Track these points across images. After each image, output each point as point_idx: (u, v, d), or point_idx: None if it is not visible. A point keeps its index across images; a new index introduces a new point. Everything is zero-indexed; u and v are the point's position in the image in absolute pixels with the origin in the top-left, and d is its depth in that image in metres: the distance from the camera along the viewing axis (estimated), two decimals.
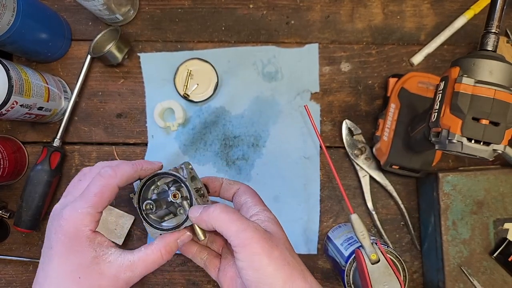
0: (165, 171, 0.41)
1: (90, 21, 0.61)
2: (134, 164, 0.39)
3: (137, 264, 0.37)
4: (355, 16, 0.61)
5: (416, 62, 0.60)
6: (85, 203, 0.36)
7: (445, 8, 0.61)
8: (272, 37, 0.61)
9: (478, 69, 0.40)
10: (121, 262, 0.37)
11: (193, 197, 0.40)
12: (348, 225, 0.56)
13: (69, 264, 0.36)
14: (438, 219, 0.53)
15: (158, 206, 0.39)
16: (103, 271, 0.36)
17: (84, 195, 0.37)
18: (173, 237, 0.39)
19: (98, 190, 0.37)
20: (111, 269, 0.36)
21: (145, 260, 0.37)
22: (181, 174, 0.40)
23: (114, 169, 0.38)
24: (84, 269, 0.35)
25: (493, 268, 0.52)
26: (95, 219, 0.37)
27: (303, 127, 0.60)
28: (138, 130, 0.60)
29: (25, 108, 0.51)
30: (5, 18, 0.47)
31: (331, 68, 0.61)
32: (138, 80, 0.61)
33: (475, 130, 0.39)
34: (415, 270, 0.59)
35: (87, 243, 0.36)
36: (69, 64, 0.61)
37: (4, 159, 0.55)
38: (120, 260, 0.37)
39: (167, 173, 0.41)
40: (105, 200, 0.37)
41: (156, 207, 0.39)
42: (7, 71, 0.48)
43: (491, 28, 0.41)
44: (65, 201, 0.39)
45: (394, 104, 0.56)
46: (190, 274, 0.59)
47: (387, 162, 0.55)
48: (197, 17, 0.61)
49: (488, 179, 0.53)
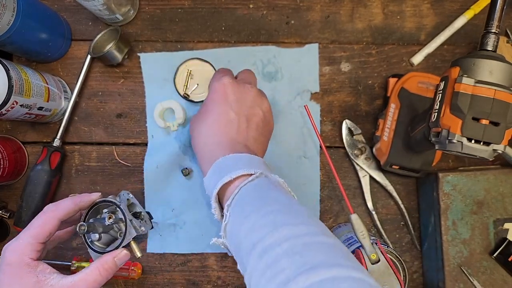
0: (103, 199, 0.46)
1: (90, 21, 0.61)
2: (73, 199, 0.45)
3: (78, 284, 0.40)
4: (355, 16, 0.61)
5: (416, 62, 0.60)
6: (26, 235, 0.41)
7: (445, 8, 0.61)
8: (272, 37, 0.61)
9: (478, 69, 0.40)
10: (63, 284, 0.40)
11: (127, 218, 0.45)
12: (348, 225, 0.56)
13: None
14: (438, 219, 0.53)
15: (92, 228, 0.44)
16: None
17: (26, 228, 0.42)
18: (110, 255, 0.44)
19: (39, 224, 0.42)
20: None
21: (85, 279, 0.41)
22: (117, 200, 0.46)
23: (55, 204, 0.43)
24: None
25: (493, 268, 0.52)
26: (36, 249, 0.41)
27: (303, 127, 0.60)
28: (138, 130, 0.60)
29: (25, 108, 0.51)
30: (5, 18, 0.47)
31: (331, 68, 0.61)
32: (138, 80, 0.61)
33: (475, 130, 0.39)
34: (415, 270, 0.59)
35: (28, 269, 0.40)
36: (69, 64, 0.61)
37: (4, 159, 0.55)
38: (62, 282, 0.40)
39: (104, 200, 0.46)
40: (46, 231, 0.42)
41: (89, 229, 0.43)
42: (7, 71, 0.48)
43: (491, 28, 0.41)
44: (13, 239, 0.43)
45: (394, 104, 0.56)
46: (190, 274, 0.59)
47: (387, 162, 0.55)
48: (197, 17, 0.61)
49: (488, 179, 0.53)
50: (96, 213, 0.47)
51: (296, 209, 0.38)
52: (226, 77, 0.50)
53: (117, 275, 0.57)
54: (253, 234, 0.36)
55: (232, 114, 0.49)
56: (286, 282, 0.31)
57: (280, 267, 0.32)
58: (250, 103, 0.50)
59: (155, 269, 0.59)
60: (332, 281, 0.30)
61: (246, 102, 0.50)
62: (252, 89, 0.51)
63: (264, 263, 0.33)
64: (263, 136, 0.51)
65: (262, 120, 0.51)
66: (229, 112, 0.49)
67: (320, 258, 0.32)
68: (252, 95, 0.51)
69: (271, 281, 0.32)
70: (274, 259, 0.33)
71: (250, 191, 0.41)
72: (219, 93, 0.50)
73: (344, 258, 0.33)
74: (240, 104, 0.50)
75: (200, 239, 0.59)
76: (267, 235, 0.35)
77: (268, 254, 0.34)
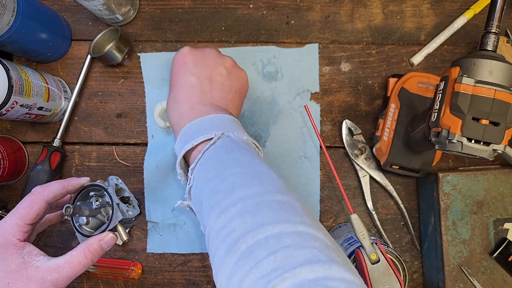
0: (91, 183, 0.46)
1: (90, 21, 0.61)
2: (62, 182, 0.44)
3: (63, 266, 0.40)
4: (355, 16, 0.61)
5: (416, 62, 0.60)
6: (13, 216, 0.41)
7: (445, 8, 0.61)
8: (272, 37, 0.61)
9: (478, 69, 0.40)
10: (48, 266, 0.40)
11: (114, 202, 0.45)
12: (348, 225, 0.57)
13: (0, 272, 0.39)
14: (438, 219, 0.53)
15: (79, 211, 0.44)
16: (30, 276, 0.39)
17: (14, 210, 0.42)
18: (95, 238, 0.43)
19: (26, 205, 0.42)
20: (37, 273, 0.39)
21: (70, 262, 0.41)
22: (105, 184, 0.46)
23: (43, 187, 0.43)
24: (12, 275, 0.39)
25: (493, 268, 0.52)
26: (23, 230, 0.41)
27: (303, 128, 0.60)
28: (138, 130, 0.60)
29: (25, 108, 0.51)
30: (5, 18, 0.47)
31: (331, 68, 0.61)
32: (138, 80, 0.61)
33: (475, 130, 0.39)
34: (415, 270, 0.59)
35: (14, 250, 0.40)
36: (69, 64, 0.61)
37: (4, 159, 0.55)
38: (47, 264, 0.40)
39: (92, 184, 0.46)
40: (34, 213, 0.42)
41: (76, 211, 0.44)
42: (7, 71, 0.48)
43: (491, 28, 0.41)
44: None
45: (394, 104, 0.56)
46: (190, 274, 0.59)
47: (387, 162, 0.55)
48: (197, 17, 0.61)
49: (488, 179, 0.53)
50: (85, 198, 0.47)
51: (256, 169, 0.39)
52: (185, 47, 0.51)
53: (117, 275, 0.57)
54: (212, 197, 0.38)
55: (193, 79, 0.49)
56: (236, 240, 0.32)
57: (233, 227, 0.33)
58: (211, 65, 0.50)
59: (155, 269, 0.59)
60: (277, 236, 0.31)
61: (207, 64, 0.50)
62: (211, 51, 0.51)
63: (220, 224, 0.35)
64: (232, 93, 0.51)
65: (226, 78, 0.50)
66: (190, 78, 0.49)
67: (269, 216, 0.33)
68: (211, 56, 0.51)
69: (224, 241, 0.33)
70: (228, 219, 0.34)
71: (212, 155, 0.42)
72: (179, 63, 0.50)
73: (294, 214, 0.34)
74: (200, 68, 0.49)
75: (200, 239, 0.59)
76: (224, 198, 0.36)
77: (223, 214, 0.35)
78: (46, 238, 0.60)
